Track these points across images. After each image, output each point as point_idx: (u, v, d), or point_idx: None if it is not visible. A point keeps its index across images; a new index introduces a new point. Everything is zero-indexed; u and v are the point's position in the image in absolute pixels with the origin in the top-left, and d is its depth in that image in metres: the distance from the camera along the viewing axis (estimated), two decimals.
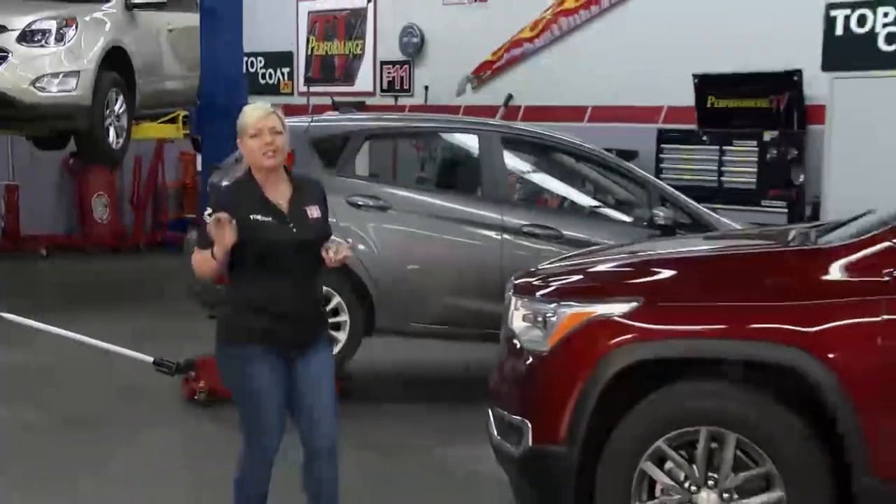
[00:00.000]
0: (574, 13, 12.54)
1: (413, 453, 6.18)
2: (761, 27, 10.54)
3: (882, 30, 10.08)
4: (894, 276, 3.91)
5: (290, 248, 4.14)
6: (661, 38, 11.41)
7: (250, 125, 4.13)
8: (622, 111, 11.90)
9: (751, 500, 4.04)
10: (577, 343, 4.27)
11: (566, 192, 8.36)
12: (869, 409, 3.86)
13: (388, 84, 14.70)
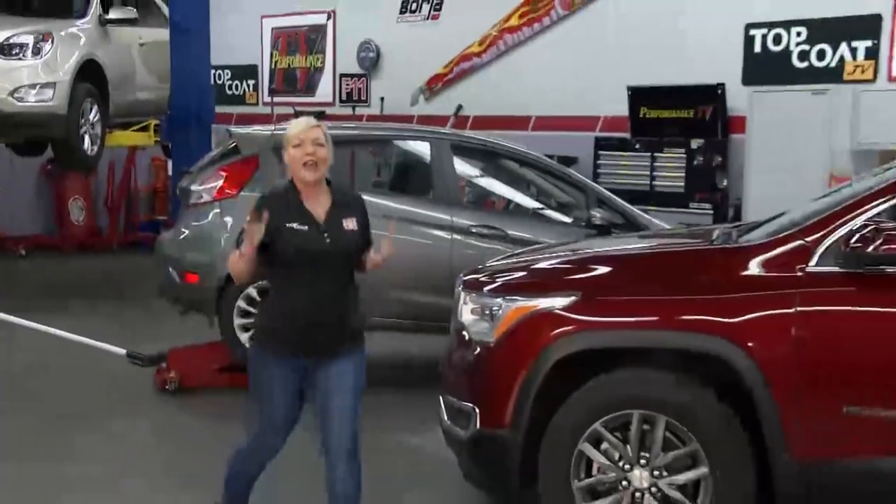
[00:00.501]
0: (518, 30, 12.58)
1: (374, 436, 6.16)
2: (688, 45, 10.65)
3: (795, 48, 10.22)
4: (806, 272, 3.98)
5: (323, 258, 3.98)
6: (598, 53, 11.48)
7: (293, 136, 4.01)
8: (563, 121, 11.94)
9: (678, 476, 4.07)
10: (521, 334, 4.30)
11: (511, 195, 8.38)
12: (785, 393, 3.92)
13: (347, 95, 14.65)
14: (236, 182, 7.22)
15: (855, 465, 3.90)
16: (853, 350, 3.92)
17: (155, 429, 6.56)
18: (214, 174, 7.34)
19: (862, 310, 3.94)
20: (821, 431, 3.92)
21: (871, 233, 3.85)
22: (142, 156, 14.79)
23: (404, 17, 13.78)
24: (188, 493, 5.24)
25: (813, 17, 10.04)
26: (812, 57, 10.11)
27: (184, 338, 7.52)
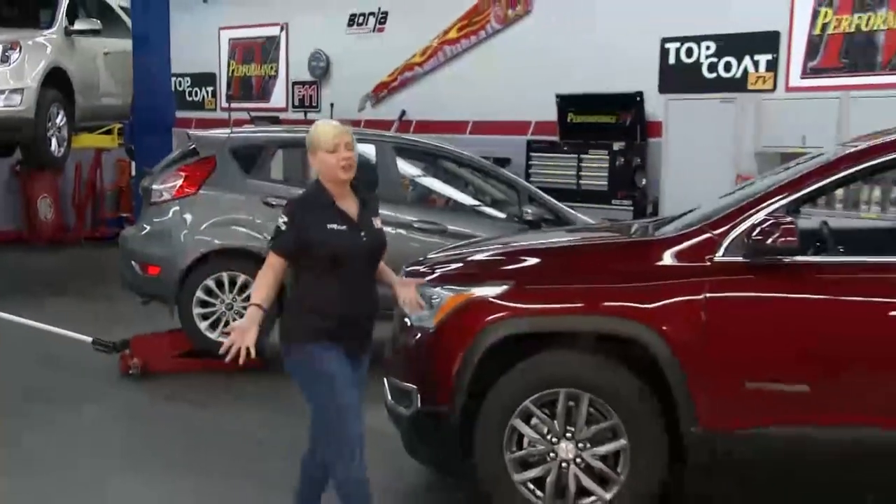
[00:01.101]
0: (457, 42, 12.58)
1: None
2: (610, 56, 10.71)
3: (705, 60, 10.34)
4: (714, 261, 4.03)
5: (361, 255, 3.83)
6: (530, 64, 11.50)
7: (328, 141, 3.76)
8: (498, 125, 11.96)
9: (600, 448, 4.12)
10: (458, 321, 4.30)
11: (451, 193, 8.38)
12: (694, 371, 3.97)
13: (299, 101, 14.54)
14: (195, 181, 7.15)
15: (755, 433, 3.96)
16: (754, 332, 3.97)
17: (119, 410, 6.46)
18: (174, 174, 7.27)
19: (762, 295, 3.99)
20: (726, 405, 3.98)
21: (770, 226, 3.91)
22: (107, 157, 14.60)
23: (352, 29, 13.71)
24: (150, 469, 5.23)
25: (720, 32, 10.17)
26: (720, 68, 10.24)
27: (146, 326, 7.43)
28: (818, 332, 3.94)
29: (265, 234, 7.04)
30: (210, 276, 6.99)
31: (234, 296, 7.00)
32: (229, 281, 6.99)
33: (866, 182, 8.36)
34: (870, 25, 9.21)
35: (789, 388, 3.92)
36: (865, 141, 4.32)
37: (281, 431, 5.88)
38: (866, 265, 4.05)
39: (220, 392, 6.68)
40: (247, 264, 6.99)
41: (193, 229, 7.06)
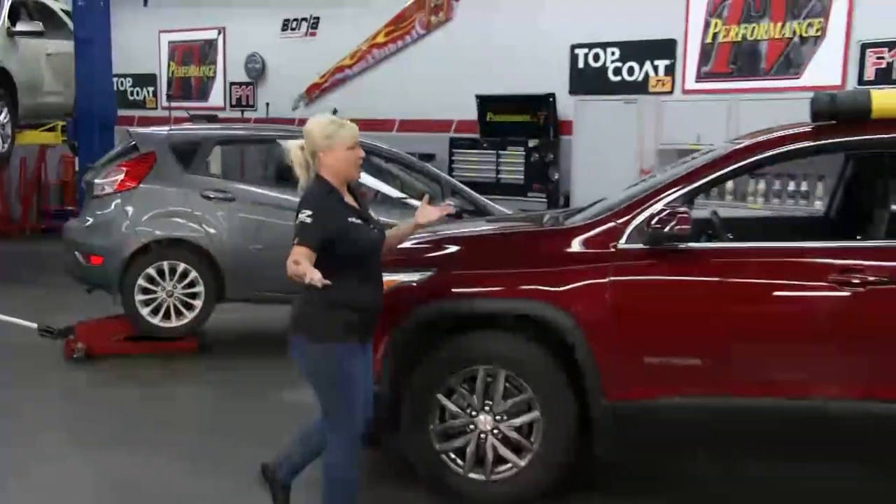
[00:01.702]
0: (384, 46, 12.51)
1: (260, 394, 6.10)
2: (526, 61, 10.78)
3: (611, 65, 10.47)
4: (617, 248, 4.08)
5: (376, 247, 3.68)
6: (452, 67, 11.51)
7: (349, 139, 3.58)
8: (423, 123, 11.94)
9: (516, 420, 4.15)
10: (386, 304, 4.26)
11: (379, 187, 8.34)
12: (600, 348, 4.01)
13: (237, 101, 14.29)
14: (135, 176, 7.00)
15: (654, 403, 4.01)
16: (653, 311, 4.02)
17: (64, 392, 6.30)
18: (116, 169, 7.11)
19: (660, 278, 4.04)
20: (628, 377, 4.03)
21: (667, 216, 3.96)
22: (52, 153, 14.13)
23: (286, 34, 13.55)
24: (94, 445, 5.13)
25: (624, 40, 10.31)
26: (624, 72, 10.39)
27: (90, 312, 7.26)
28: (709, 311, 4.00)
29: (204, 225, 6.95)
30: (151, 265, 6.86)
31: (175, 283, 6.88)
32: (170, 269, 6.88)
33: (752, 176, 8.58)
34: (754, 35, 9.44)
35: (684, 362, 3.98)
36: (749, 139, 4.42)
37: (215, 409, 5.82)
38: (751, 250, 4.12)
39: (160, 373, 6.58)
40: (186, 254, 6.90)
41: (134, 221, 6.91)
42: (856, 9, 8.86)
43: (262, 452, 4.89)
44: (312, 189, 3.60)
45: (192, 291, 6.89)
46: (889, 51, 8.62)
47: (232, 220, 6.99)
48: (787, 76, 9.23)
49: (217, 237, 6.91)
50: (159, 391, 6.24)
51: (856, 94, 4.12)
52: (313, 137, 3.60)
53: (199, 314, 6.91)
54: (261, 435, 5.25)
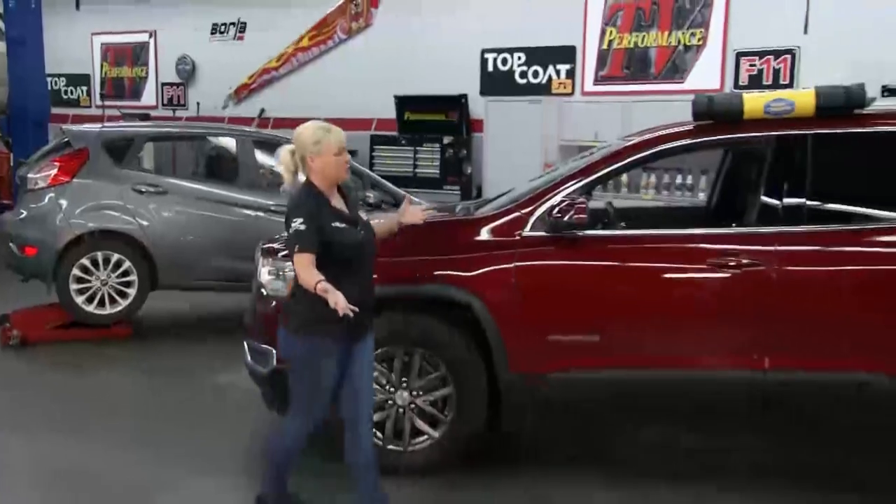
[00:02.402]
0: (309, 50, 12.30)
1: (194, 377, 5.95)
2: (440, 64, 10.75)
3: (517, 68, 10.52)
4: (522, 236, 4.10)
5: (361, 249, 3.49)
6: (372, 69, 11.40)
7: (336, 144, 3.43)
8: (346, 121, 11.50)
9: (430, 395, 4.16)
10: None
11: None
12: (508, 328, 4.03)
13: (168, 100, 13.87)
14: (68, 171, 6.77)
15: (557, 376, 4.06)
16: (554, 293, 4.06)
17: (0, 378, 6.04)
18: (49, 164, 6.86)
19: (560, 263, 4.07)
20: (533, 353, 4.06)
21: (566, 206, 4.00)
22: None
23: (215, 37, 13.20)
24: (31, 428, 4.94)
25: (529, 46, 10.37)
26: (529, 75, 10.45)
27: (25, 301, 7.01)
28: (605, 292, 4.06)
29: (136, 217, 6.75)
30: (85, 256, 6.66)
31: (109, 273, 6.69)
32: (103, 259, 6.70)
33: (645, 170, 8.75)
34: (644, 43, 9.61)
35: (583, 339, 4.03)
36: (638, 136, 4.49)
37: (151, 393, 5.66)
38: (641, 237, 4.19)
39: (96, 360, 6.36)
40: (119, 245, 6.72)
41: (68, 214, 6.68)
42: (731, 21, 9.10)
43: (197, 434, 4.81)
44: (300, 195, 3.45)
45: (125, 280, 6.73)
46: (760, 59, 8.89)
47: (164, 212, 6.86)
48: (674, 80, 9.42)
49: (149, 229, 6.77)
50: (95, 377, 6.04)
51: (730, 97, 4.22)
52: (303, 142, 3.46)
53: (132, 302, 6.76)
54: (196, 417, 5.14)
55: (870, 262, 3.92)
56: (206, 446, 4.64)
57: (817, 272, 3.95)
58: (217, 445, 4.67)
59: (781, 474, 4.35)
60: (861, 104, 4.09)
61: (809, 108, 4.06)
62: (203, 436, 4.73)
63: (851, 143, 4.10)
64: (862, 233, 3.95)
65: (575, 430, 4.90)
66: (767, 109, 4.09)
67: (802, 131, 4.07)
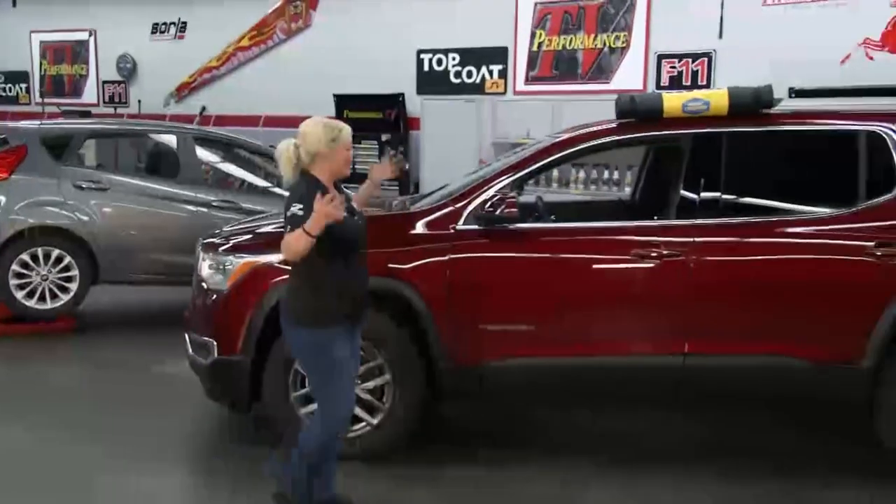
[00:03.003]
0: (249, 49, 12.10)
1: (137, 369, 5.80)
2: (378, 63, 10.68)
3: (452, 68, 10.54)
4: (456, 229, 4.09)
5: (362, 238, 3.46)
6: (312, 68, 11.27)
7: (347, 140, 3.42)
8: (286, 119, 11.56)
9: (369, 383, 4.12)
10: (248, 284, 4.16)
11: (245, 176, 8.08)
12: (443, 318, 4.03)
13: (110, 98, 13.48)
14: (6, 167, 6.53)
15: (492, 365, 4.07)
16: (488, 284, 4.07)
17: None
18: None
19: (492, 255, 4.08)
20: (468, 343, 4.06)
21: (498, 200, 4.02)
22: None
23: (155, 36, 12.88)
24: None
25: (463, 47, 10.39)
26: (464, 75, 10.46)
27: None
28: (536, 283, 4.08)
29: (77, 213, 6.54)
30: (25, 251, 6.43)
31: (50, 268, 6.48)
32: (44, 255, 6.47)
33: (574, 166, 8.84)
34: (572, 45, 9.71)
35: (516, 328, 4.05)
36: (566, 133, 4.52)
37: (90, 383, 5.51)
38: (569, 229, 4.23)
39: (38, 353, 6.15)
40: (60, 240, 6.51)
41: (7, 210, 6.44)
42: (652, 25, 9.25)
43: (139, 424, 4.69)
44: (301, 185, 3.38)
45: (67, 275, 6.53)
46: (679, 61, 9.07)
47: (105, 208, 6.67)
48: (600, 80, 9.54)
49: (90, 224, 6.57)
50: (38, 369, 5.84)
51: (651, 97, 4.29)
52: (315, 139, 3.38)
53: (74, 297, 6.56)
54: (138, 407, 5.01)
55: (778, 252, 4.03)
56: (147, 436, 4.53)
57: (731, 262, 4.04)
58: (159, 435, 4.56)
59: (706, 452, 4.45)
60: (769, 104, 4.19)
61: (723, 107, 4.15)
62: (145, 426, 4.62)
63: (760, 140, 4.20)
64: (771, 224, 4.05)
65: (511, 418, 4.93)
66: (685, 108, 4.17)
67: (717, 129, 4.16)
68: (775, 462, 4.27)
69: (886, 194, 4.00)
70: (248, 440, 4.49)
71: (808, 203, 4.07)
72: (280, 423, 4.16)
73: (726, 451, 4.43)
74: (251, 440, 4.48)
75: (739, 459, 4.29)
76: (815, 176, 4.20)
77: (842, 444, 4.49)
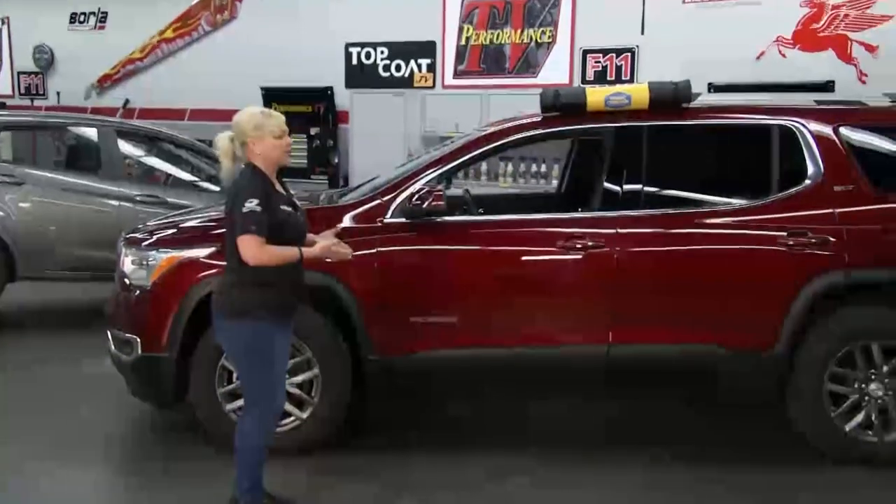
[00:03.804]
0: (173, 41, 11.77)
1: (56, 368, 5.59)
2: (306, 57, 10.52)
3: (381, 62, 10.46)
4: (384, 222, 4.08)
5: (302, 232, 3.44)
6: (238, 61, 11.01)
7: (277, 128, 3.36)
8: (213, 112, 11.32)
9: (297, 377, 4.08)
10: (172, 279, 4.06)
11: (171, 171, 7.88)
12: (370, 311, 4.01)
13: (26, 89, 12.93)
14: None
15: (418, 357, 4.07)
16: (415, 277, 4.07)
17: None
18: None
19: (420, 248, 4.08)
20: (396, 336, 4.05)
21: (425, 193, 4.01)
22: None
23: (74, 26, 12.39)
24: None
25: (392, 40, 10.33)
26: (392, 69, 10.40)
27: None
28: (463, 275, 4.10)
29: None
30: None
31: None
32: None
33: (502, 159, 8.90)
34: (499, 40, 9.76)
35: (443, 320, 4.05)
36: (493, 127, 4.54)
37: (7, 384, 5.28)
38: (496, 222, 4.25)
39: None
40: None
41: None
42: (577, 21, 9.38)
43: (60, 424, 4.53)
44: (248, 176, 3.30)
45: None
46: (604, 56, 9.21)
47: (21, 202, 6.43)
48: (527, 75, 9.62)
49: (5, 219, 6.32)
50: None
51: (574, 91, 4.34)
52: (242, 128, 3.34)
53: None
54: (58, 407, 4.83)
55: (697, 243, 4.12)
56: (66, 436, 4.38)
57: (652, 253, 4.12)
58: (79, 435, 4.41)
59: (629, 438, 4.55)
60: (687, 99, 4.29)
61: (644, 101, 4.22)
62: (63, 425, 4.46)
63: (680, 133, 4.30)
64: (690, 216, 4.14)
65: (441, 409, 4.94)
66: (608, 102, 4.23)
67: (638, 123, 4.24)
68: (699, 449, 4.37)
69: (797, 186, 4.14)
70: (172, 438, 4.39)
71: (725, 195, 4.18)
72: (206, 418, 4.07)
73: (652, 439, 4.52)
74: (175, 438, 4.37)
75: (666, 447, 4.38)
76: (731, 168, 4.33)
77: (761, 429, 4.62)
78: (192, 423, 4.22)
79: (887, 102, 4.54)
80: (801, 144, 4.18)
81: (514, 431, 4.63)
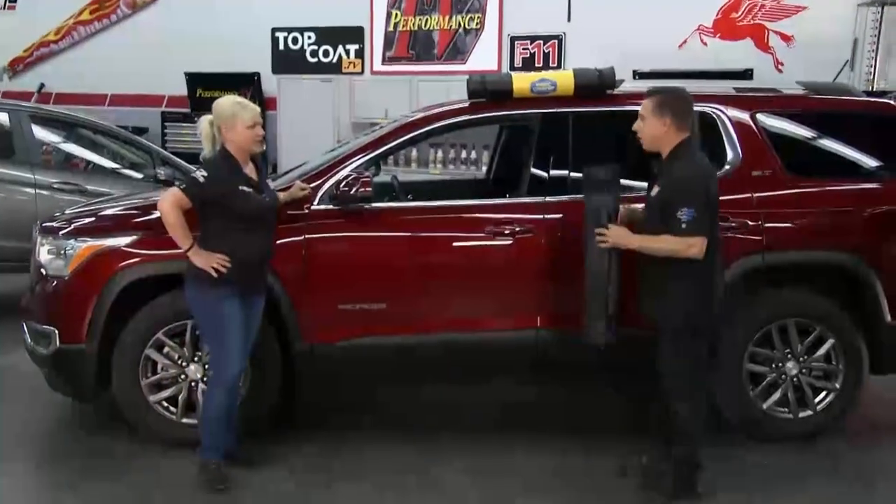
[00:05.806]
0: (90, 23, 11.36)
1: None
2: (231, 41, 10.32)
3: (308, 48, 10.35)
4: (311, 209, 4.04)
5: (264, 213, 3.66)
6: (160, 45, 10.71)
7: (250, 117, 3.60)
8: (135, 98, 11.05)
9: None
10: (91, 268, 3.94)
11: (91, 157, 7.61)
12: (299, 298, 3.97)
13: None
14: None
15: (348, 344, 4.04)
16: (343, 264, 4.04)
17: None
18: None
19: (348, 235, 4.05)
20: (325, 323, 4.02)
21: (352, 180, 3.98)
22: None
23: None
24: None
25: (319, 25, 10.21)
26: (320, 55, 10.30)
27: None
28: (391, 262, 4.08)
29: None
30: None
31: None
32: None
33: (432, 146, 8.91)
34: (428, 26, 9.76)
35: (371, 307, 4.03)
36: (420, 113, 4.53)
37: None
38: (424, 208, 4.24)
39: None
40: None
41: None
42: (505, 7, 9.44)
43: None
44: (215, 157, 3.63)
45: None
46: (531, 43, 9.31)
47: None
48: (456, 61, 9.64)
49: None
50: None
51: (501, 77, 4.36)
52: (219, 114, 3.62)
53: None
54: None
55: None
56: None
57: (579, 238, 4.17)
58: None
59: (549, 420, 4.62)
60: (612, 85, 4.36)
61: (569, 87, 4.26)
62: None
63: (604, 119, 4.36)
64: None
65: (368, 396, 4.93)
66: (533, 88, 4.25)
67: (564, 109, 4.28)
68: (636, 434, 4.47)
69: (718, 171, 4.24)
70: (93, 431, 4.27)
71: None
72: (129, 411, 3.98)
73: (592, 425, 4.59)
74: (96, 430, 4.26)
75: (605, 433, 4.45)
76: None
77: None
78: (115, 416, 4.11)
79: (800, 90, 4.69)
80: (720, 130, 4.29)
81: (446, 418, 4.64)
